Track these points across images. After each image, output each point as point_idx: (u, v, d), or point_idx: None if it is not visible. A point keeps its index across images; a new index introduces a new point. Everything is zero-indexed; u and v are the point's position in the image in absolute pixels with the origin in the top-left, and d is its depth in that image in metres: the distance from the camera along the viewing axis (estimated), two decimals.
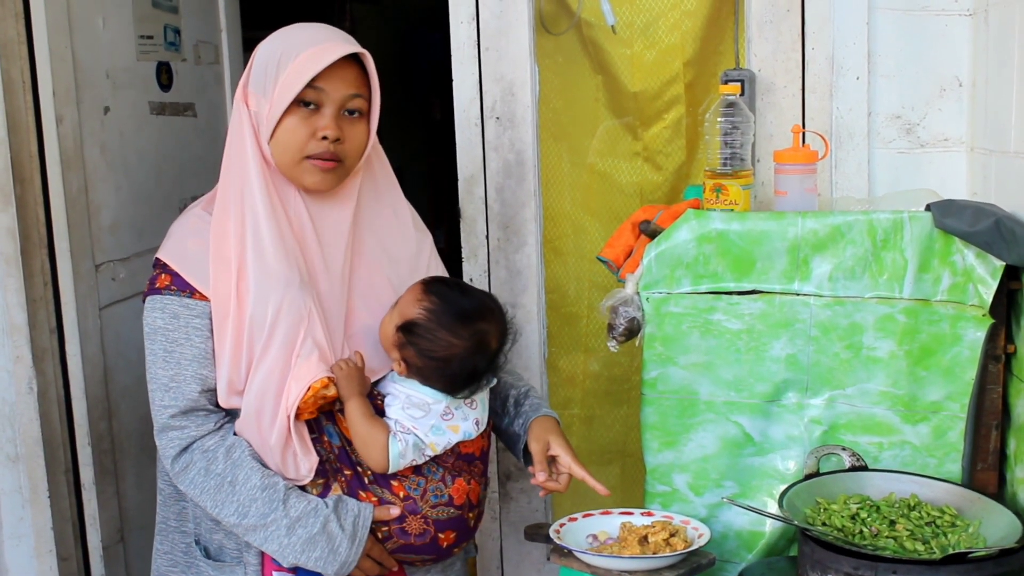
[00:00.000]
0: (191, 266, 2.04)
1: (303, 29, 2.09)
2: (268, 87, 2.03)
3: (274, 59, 2.03)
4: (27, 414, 2.90)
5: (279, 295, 2.00)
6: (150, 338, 2.06)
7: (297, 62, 2.00)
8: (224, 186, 2.07)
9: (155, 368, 2.05)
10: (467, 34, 2.78)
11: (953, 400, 2.18)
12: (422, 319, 2.04)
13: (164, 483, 2.19)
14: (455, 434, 2.09)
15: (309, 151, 2.03)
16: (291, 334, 2.01)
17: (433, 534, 2.09)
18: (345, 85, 2.04)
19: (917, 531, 1.99)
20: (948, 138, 2.53)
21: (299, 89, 1.99)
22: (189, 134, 3.35)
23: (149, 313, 2.06)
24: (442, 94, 4.06)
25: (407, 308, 2.07)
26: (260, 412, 2.01)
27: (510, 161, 2.81)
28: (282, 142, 2.03)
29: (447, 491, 2.10)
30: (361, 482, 2.07)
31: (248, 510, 2.00)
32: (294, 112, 2.02)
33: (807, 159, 2.33)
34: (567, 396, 2.99)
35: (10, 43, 2.81)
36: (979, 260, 2.13)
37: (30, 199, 2.87)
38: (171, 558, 2.20)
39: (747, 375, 2.27)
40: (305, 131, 2.02)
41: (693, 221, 2.25)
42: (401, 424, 2.06)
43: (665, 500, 2.34)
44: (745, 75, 2.57)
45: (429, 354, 2.04)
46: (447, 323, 2.04)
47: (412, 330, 2.04)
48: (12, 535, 2.97)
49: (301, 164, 2.04)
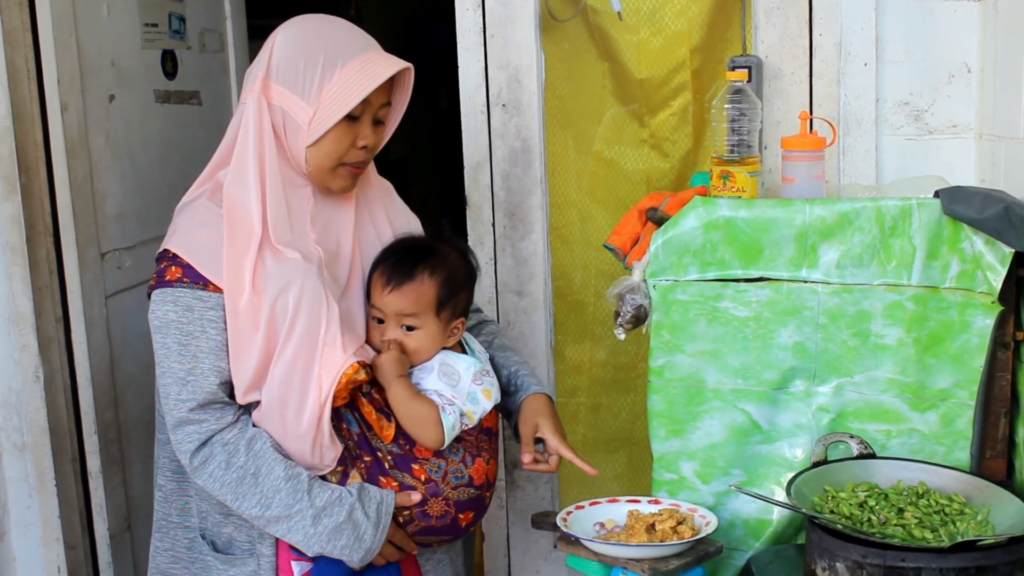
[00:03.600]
0: (204, 258, 2.01)
1: (336, 29, 2.07)
2: (308, 90, 2.00)
3: (313, 60, 2.00)
4: (33, 403, 2.90)
5: (299, 284, 1.99)
6: (161, 332, 2.02)
7: (346, 72, 1.99)
8: (235, 179, 2.03)
9: (169, 362, 2.01)
10: (473, 21, 2.77)
11: (962, 388, 2.17)
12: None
13: (164, 479, 2.17)
14: (488, 400, 2.12)
15: (348, 159, 2.05)
16: (313, 322, 2.00)
17: (454, 515, 2.10)
18: (383, 96, 2.06)
19: (925, 519, 1.99)
20: (956, 124, 2.52)
21: (356, 103, 1.99)
22: (194, 122, 3.35)
23: (159, 306, 2.02)
24: (447, 82, 4.05)
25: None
26: (284, 402, 1.99)
27: (516, 148, 2.80)
28: (325, 149, 2.03)
29: (467, 472, 2.10)
30: (382, 468, 2.07)
31: (271, 501, 1.99)
32: (341, 122, 2.01)
33: (815, 146, 2.32)
34: (574, 384, 2.99)
35: (15, 31, 2.81)
36: (988, 247, 2.12)
37: (35, 188, 2.87)
38: (172, 554, 2.18)
39: (754, 363, 2.26)
40: (348, 140, 2.04)
41: (700, 208, 2.25)
42: (443, 395, 2.08)
43: (672, 488, 2.34)
44: (752, 61, 2.56)
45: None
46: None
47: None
48: (19, 523, 2.98)
49: (337, 170, 2.06)
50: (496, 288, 2.87)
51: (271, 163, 2.02)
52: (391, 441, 2.07)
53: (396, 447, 2.07)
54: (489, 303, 2.86)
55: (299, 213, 2.06)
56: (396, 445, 2.07)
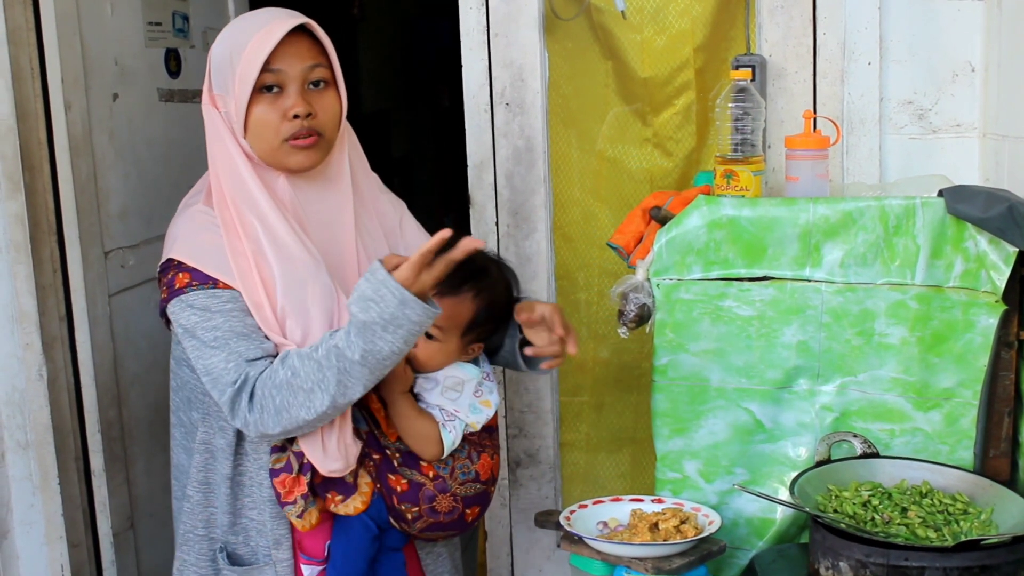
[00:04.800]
0: (208, 260, 2.00)
1: (245, 18, 2.08)
2: (229, 84, 2.01)
3: (227, 55, 2.02)
4: (37, 401, 2.90)
5: (308, 282, 2.00)
6: (188, 337, 2.00)
7: (248, 51, 1.99)
8: (218, 189, 2.05)
9: (205, 359, 1.98)
10: (476, 20, 2.77)
11: (965, 387, 2.17)
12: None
13: (193, 490, 2.14)
14: (489, 409, 2.13)
15: (284, 134, 2.01)
16: (325, 319, 2.00)
17: (461, 511, 2.11)
18: (300, 59, 2.02)
19: (929, 518, 1.99)
20: (960, 123, 2.52)
21: (255, 76, 1.97)
22: (198, 121, 3.32)
23: (179, 315, 2.00)
24: (450, 81, 4.05)
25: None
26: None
27: (520, 147, 2.80)
28: (256, 132, 2.02)
29: (474, 467, 2.12)
30: (391, 465, 2.07)
31: (325, 372, 1.90)
32: (258, 100, 2.00)
33: (818, 145, 2.31)
34: (577, 383, 2.99)
35: (19, 30, 2.81)
36: (992, 246, 2.11)
37: (39, 186, 2.87)
38: (197, 570, 2.15)
39: (758, 362, 2.26)
40: (275, 115, 2.01)
41: (704, 207, 2.25)
42: (445, 411, 2.08)
43: (675, 487, 2.34)
44: (756, 60, 2.56)
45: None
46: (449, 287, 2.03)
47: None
48: (23, 522, 2.98)
49: (281, 148, 2.02)
50: None
51: (244, 166, 2.03)
52: (397, 439, 2.08)
53: (403, 444, 2.08)
54: None
55: (288, 206, 2.05)
56: (402, 442, 2.08)
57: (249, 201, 2.02)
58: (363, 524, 2.08)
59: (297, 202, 2.07)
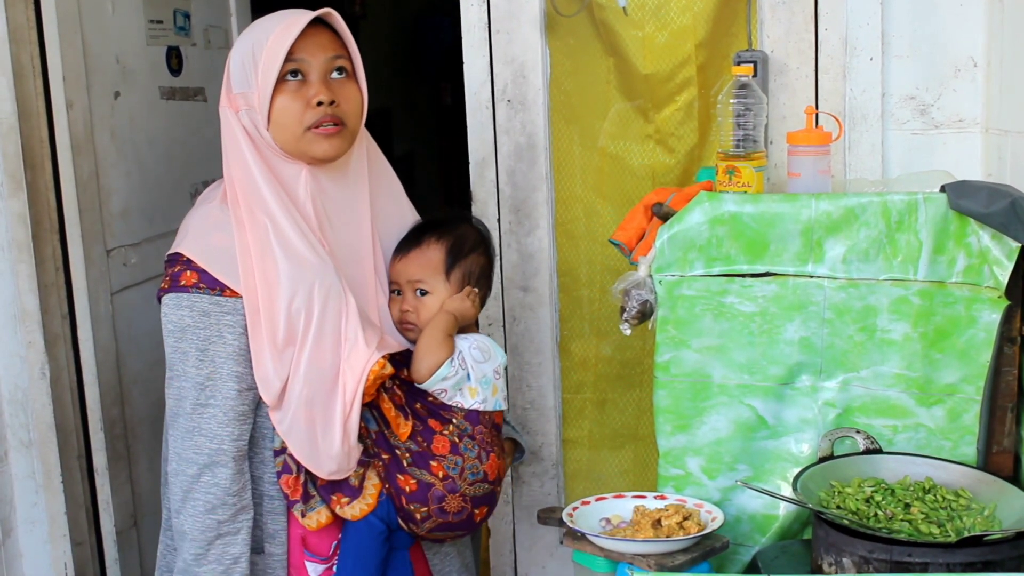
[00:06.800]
0: (219, 263, 2.00)
1: (266, 19, 2.10)
2: (251, 79, 2.03)
3: (248, 52, 2.04)
4: (40, 400, 2.91)
5: (315, 282, 2.00)
6: (176, 336, 2.00)
7: (271, 42, 2.01)
8: (232, 190, 2.06)
9: (185, 366, 1.99)
10: (478, 16, 2.77)
11: (968, 382, 2.16)
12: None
13: None
14: (493, 395, 2.15)
15: (307, 122, 2.02)
16: (334, 319, 2.01)
17: (470, 511, 2.12)
18: (323, 49, 2.05)
19: (932, 514, 1.99)
20: (963, 119, 2.51)
21: (280, 64, 1.99)
22: (199, 119, 3.35)
23: (174, 311, 2.00)
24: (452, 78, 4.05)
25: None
26: (311, 402, 1.99)
27: (521, 144, 2.80)
28: (279, 122, 2.02)
29: (482, 468, 2.12)
30: (400, 465, 2.08)
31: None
32: (282, 90, 2.02)
33: (821, 140, 2.31)
34: (579, 380, 2.99)
35: (20, 29, 2.81)
36: (995, 241, 2.11)
37: (41, 185, 2.87)
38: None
39: (760, 358, 2.26)
40: (299, 103, 2.02)
41: (706, 203, 2.24)
42: (463, 357, 2.12)
43: (678, 483, 2.34)
44: (758, 56, 2.56)
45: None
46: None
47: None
48: (26, 520, 2.99)
49: (304, 137, 2.03)
50: (502, 284, 2.87)
51: (257, 169, 2.03)
52: (408, 438, 2.08)
53: (414, 444, 2.08)
54: (495, 299, 2.86)
55: (310, 198, 2.06)
56: (413, 442, 2.08)
57: (260, 202, 2.03)
58: (372, 525, 2.09)
59: (319, 194, 2.08)
